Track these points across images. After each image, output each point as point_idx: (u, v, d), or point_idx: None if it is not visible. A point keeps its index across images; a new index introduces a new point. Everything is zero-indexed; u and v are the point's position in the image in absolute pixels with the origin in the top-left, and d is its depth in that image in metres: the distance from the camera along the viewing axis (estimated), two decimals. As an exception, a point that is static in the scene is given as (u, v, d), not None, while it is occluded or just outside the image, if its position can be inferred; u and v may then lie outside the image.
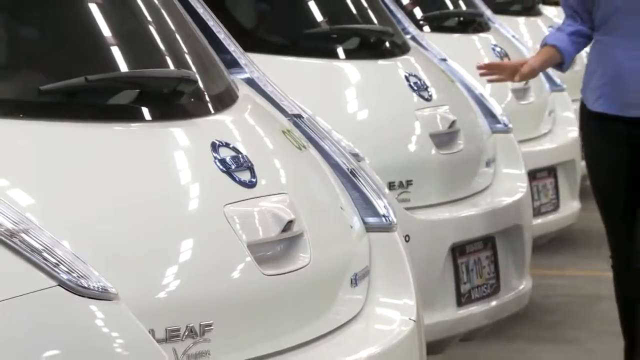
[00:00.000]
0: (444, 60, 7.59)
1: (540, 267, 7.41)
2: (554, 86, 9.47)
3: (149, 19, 4.52)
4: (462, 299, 6.46)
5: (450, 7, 9.43)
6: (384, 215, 4.78)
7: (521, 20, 11.01)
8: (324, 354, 4.15)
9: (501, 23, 10.05)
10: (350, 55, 6.82)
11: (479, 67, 6.04)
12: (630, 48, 5.04)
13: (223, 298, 3.89)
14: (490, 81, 6.44)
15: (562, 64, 5.57)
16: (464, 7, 9.57)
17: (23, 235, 3.48)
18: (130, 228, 3.87)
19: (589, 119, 5.46)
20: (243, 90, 4.66)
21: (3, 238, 3.45)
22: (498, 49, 9.08)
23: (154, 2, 4.57)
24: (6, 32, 4.30)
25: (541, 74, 9.40)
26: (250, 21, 6.51)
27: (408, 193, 6.23)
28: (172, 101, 4.28)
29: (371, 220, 4.71)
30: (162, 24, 4.53)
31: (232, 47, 5.25)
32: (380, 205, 4.80)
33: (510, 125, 7.64)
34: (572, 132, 9.33)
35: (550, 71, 9.14)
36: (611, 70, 5.11)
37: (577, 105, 9.56)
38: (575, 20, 5.29)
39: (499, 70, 5.78)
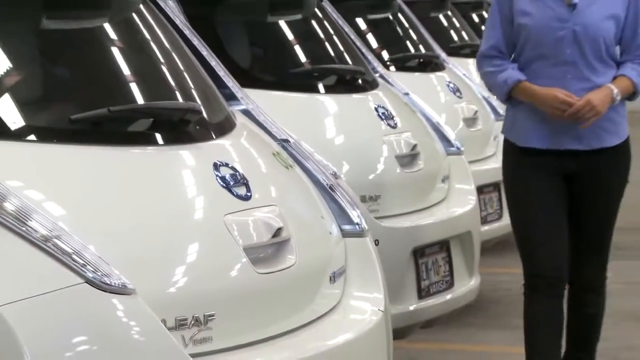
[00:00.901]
0: (407, 94, 7.61)
1: (487, 266, 7.41)
2: (498, 116, 9.47)
3: (161, 59, 4.53)
4: (422, 293, 6.47)
5: (412, 50, 9.44)
6: (357, 224, 4.79)
7: (470, 61, 10.98)
8: (308, 340, 4.14)
9: (454, 64, 10.05)
10: (329, 90, 6.83)
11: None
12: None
13: (223, 292, 3.89)
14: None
15: None
16: (423, 50, 9.59)
17: (56, 240, 3.51)
18: (145, 234, 3.89)
19: (515, 155, 5.28)
20: (240, 119, 4.66)
21: (39, 242, 3.49)
22: (451, 85, 9.12)
23: (165, 45, 4.58)
24: (42, 70, 4.31)
25: (486, 105, 9.40)
26: (246, 61, 6.49)
27: (377, 205, 6.24)
28: (180, 128, 4.30)
29: (347, 227, 4.72)
30: (172, 63, 4.54)
31: (231, 83, 5.26)
32: (354, 215, 4.81)
33: (462, 148, 7.67)
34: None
35: (494, 102, 9.15)
36: (540, 111, 4.99)
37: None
38: (505, 59, 5.12)
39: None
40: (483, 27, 13.32)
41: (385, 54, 8.77)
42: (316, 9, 7.20)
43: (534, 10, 4.82)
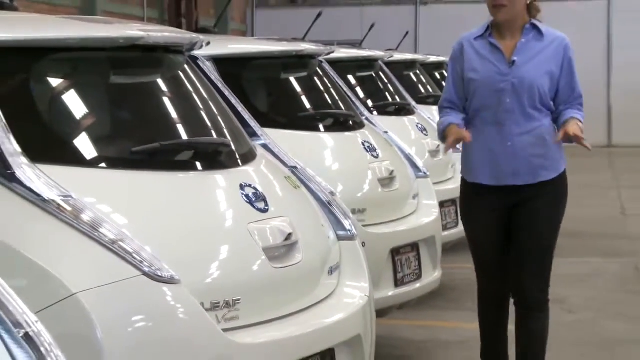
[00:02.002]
0: (386, 132, 7.59)
1: (447, 262, 7.38)
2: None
3: (200, 105, 4.55)
4: (397, 282, 6.46)
5: (390, 99, 9.41)
6: (349, 230, 4.80)
7: (434, 108, 10.92)
8: (311, 318, 4.15)
9: (421, 110, 10.03)
10: (327, 129, 6.82)
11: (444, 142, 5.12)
12: (498, 133, 4.80)
13: (247, 282, 3.91)
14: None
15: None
16: (398, 99, 9.57)
17: (120, 243, 3.56)
18: (188, 238, 3.92)
19: (467, 189, 5.09)
20: (259, 151, 4.68)
21: (108, 244, 3.54)
22: (420, 126, 9.11)
23: (203, 95, 4.58)
24: (111, 113, 4.33)
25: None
26: (264, 107, 6.51)
27: (364, 216, 6.23)
28: (215, 158, 4.31)
29: (341, 233, 4.73)
30: (208, 108, 4.55)
31: (253, 123, 5.29)
32: (346, 223, 4.83)
33: (427, 173, 7.66)
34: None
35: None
36: (485, 152, 4.84)
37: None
38: (455, 109, 4.96)
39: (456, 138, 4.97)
40: (444, 82, 13.53)
41: (369, 102, 8.74)
42: (317, 69, 7.22)
43: (480, 67, 4.73)
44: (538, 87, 4.70)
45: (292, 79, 7.06)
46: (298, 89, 7.07)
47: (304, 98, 7.03)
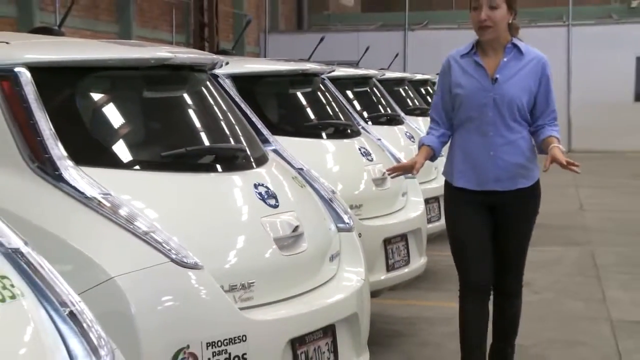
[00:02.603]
0: (379, 139, 7.57)
1: (430, 250, 7.34)
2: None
3: (220, 116, 4.55)
4: (389, 268, 6.44)
5: (382, 110, 9.37)
6: (347, 223, 4.79)
7: (420, 119, 10.93)
8: (315, 298, 4.13)
9: (410, 120, 10.01)
10: (329, 136, 6.81)
11: (388, 170, 5.32)
12: (482, 142, 4.68)
13: (260, 267, 3.89)
14: (394, 177, 5.66)
15: (433, 157, 5.05)
16: (389, 111, 9.53)
17: (152, 234, 3.57)
18: (209, 230, 3.91)
19: (452, 192, 4.94)
20: (271, 155, 4.67)
21: (141, 235, 3.55)
22: (408, 134, 9.08)
23: (222, 107, 4.58)
24: (144, 123, 4.32)
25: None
26: (275, 118, 6.49)
27: (360, 210, 6.21)
28: (232, 161, 4.30)
29: (340, 225, 4.71)
30: (227, 119, 4.55)
31: (265, 132, 5.27)
32: (345, 217, 4.82)
33: (414, 174, 7.64)
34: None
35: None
36: (469, 158, 4.73)
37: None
38: (439, 125, 4.88)
39: (402, 169, 5.18)
40: (428, 97, 13.53)
41: (364, 113, 8.71)
42: (320, 85, 7.21)
43: (465, 83, 4.64)
44: (517, 102, 4.61)
45: (299, 94, 7.05)
46: (304, 102, 7.06)
47: (308, 110, 7.02)
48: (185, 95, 4.48)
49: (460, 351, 4.94)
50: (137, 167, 3.92)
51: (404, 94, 11.83)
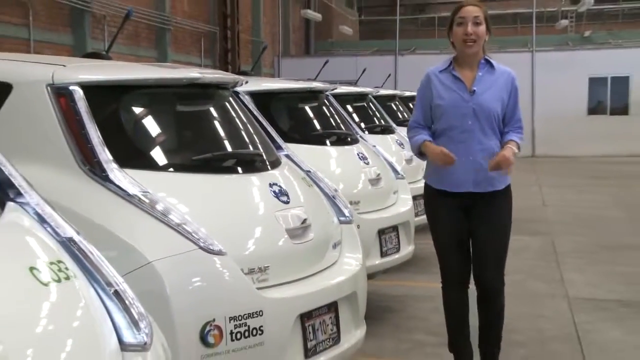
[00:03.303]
0: (374, 146, 7.57)
1: (417, 239, 7.32)
2: (424, 157, 9.41)
3: (241, 126, 4.53)
4: (383, 254, 6.44)
5: (376, 122, 9.36)
6: (348, 216, 4.78)
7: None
8: (321, 279, 4.12)
9: (400, 130, 9.95)
10: (332, 144, 6.81)
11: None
12: (461, 148, 4.47)
13: (274, 254, 3.87)
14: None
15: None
16: (383, 122, 9.52)
17: (184, 225, 3.57)
18: (232, 221, 3.89)
19: (432, 194, 4.71)
20: (283, 160, 4.66)
21: (174, 226, 3.55)
22: (398, 141, 9.05)
23: (243, 118, 4.58)
24: (177, 132, 4.30)
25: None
26: (286, 127, 6.48)
27: (358, 206, 6.20)
28: (251, 164, 4.28)
29: (342, 218, 4.71)
30: (246, 128, 4.54)
31: (278, 139, 5.25)
32: (346, 211, 4.81)
33: (404, 175, 7.63)
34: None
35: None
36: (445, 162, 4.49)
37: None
38: (422, 129, 4.66)
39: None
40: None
41: (362, 124, 8.69)
42: (325, 100, 7.21)
43: (446, 95, 4.50)
44: (492, 111, 4.48)
45: (307, 108, 7.05)
46: (310, 114, 7.05)
47: (315, 121, 7.02)
48: (212, 109, 4.48)
49: (448, 336, 4.82)
50: (171, 169, 3.91)
51: (395, 108, 11.85)
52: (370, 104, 9.77)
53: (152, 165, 3.86)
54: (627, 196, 14.81)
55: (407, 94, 13.65)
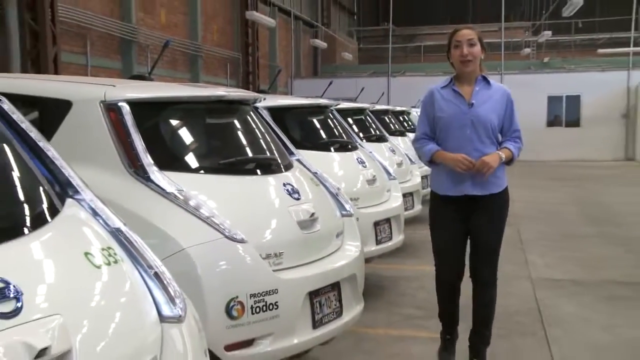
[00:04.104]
0: (370, 152, 7.53)
1: (407, 230, 7.30)
2: (411, 162, 9.39)
3: (259, 135, 4.51)
4: (377, 242, 6.41)
5: (372, 132, 9.32)
6: (349, 211, 4.75)
7: (399, 138, 10.89)
8: (326, 263, 4.10)
9: (392, 139, 9.92)
10: (335, 150, 6.80)
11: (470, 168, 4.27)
12: None
13: (287, 242, 3.85)
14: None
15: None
16: (377, 132, 9.48)
17: (212, 218, 3.57)
18: (252, 215, 3.85)
19: (437, 199, 4.44)
20: (295, 163, 4.64)
21: (204, 219, 3.55)
22: (391, 149, 9.02)
23: (261, 128, 4.56)
24: (207, 140, 4.28)
25: (406, 157, 9.25)
26: (298, 136, 6.46)
27: (357, 202, 6.18)
28: (268, 167, 4.25)
29: (344, 212, 4.68)
30: (264, 137, 4.53)
31: (291, 146, 5.22)
32: (347, 206, 4.78)
33: (395, 177, 7.60)
34: (418, 179, 9.32)
35: (412, 153, 9.02)
36: (451, 170, 4.27)
37: (418, 171, 9.54)
38: (429, 139, 4.39)
39: (473, 168, 4.27)
40: (405, 123, 13.54)
41: (360, 134, 8.66)
42: (329, 114, 7.20)
43: (446, 108, 4.30)
44: (489, 122, 4.26)
45: (314, 120, 7.04)
46: (318, 126, 7.05)
47: (321, 131, 7.01)
48: (235, 121, 4.46)
49: (439, 310, 4.62)
50: (201, 171, 3.89)
51: (387, 121, 11.83)
52: (367, 117, 9.75)
53: (186, 168, 3.85)
54: (580, 194, 14.80)
55: (398, 109, 13.66)
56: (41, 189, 2.37)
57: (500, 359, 4.82)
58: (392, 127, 11.74)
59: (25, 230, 2.11)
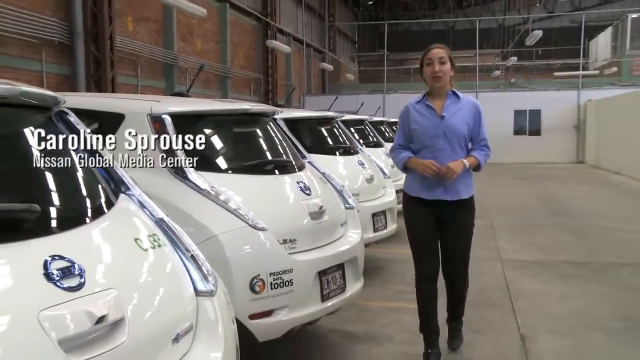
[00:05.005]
0: (369, 156, 7.50)
1: (400, 220, 7.26)
2: (407, 171, 9.34)
3: (277, 141, 4.47)
4: (375, 230, 6.40)
5: (370, 139, 9.29)
6: (351, 204, 4.73)
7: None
8: (332, 247, 4.06)
9: (387, 145, 9.86)
10: (340, 154, 6.77)
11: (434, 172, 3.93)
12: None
13: (300, 229, 3.84)
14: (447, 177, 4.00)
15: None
16: (375, 139, 9.45)
17: (238, 210, 3.55)
18: (271, 207, 3.82)
19: (410, 200, 4.04)
20: (307, 165, 4.61)
21: (232, 211, 3.54)
22: (385, 152, 8.99)
23: (279, 136, 4.53)
24: (234, 146, 4.24)
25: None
26: (309, 143, 6.44)
27: (358, 197, 6.17)
28: (284, 168, 4.21)
29: (347, 205, 4.66)
30: (282, 143, 4.49)
31: (303, 150, 5.21)
32: (350, 201, 4.75)
33: (390, 176, 7.57)
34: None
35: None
36: (425, 176, 3.90)
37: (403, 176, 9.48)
38: (404, 148, 4.04)
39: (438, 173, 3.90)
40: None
41: (360, 141, 8.63)
42: (335, 124, 7.18)
43: (420, 120, 3.97)
44: (460, 133, 3.92)
45: (322, 129, 7.02)
46: (325, 134, 7.02)
47: (328, 138, 6.98)
48: (258, 130, 4.44)
49: (419, 322, 4.12)
50: (229, 171, 3.87)
51: (383, 130, 11.80)
52: (366, 126, 9.72)
53: (216, 169, 3.83)
54: (540, 190, 14.71)
55: (392, 120, 13.62)
56: (99, 186, 2.37)
57: (474, 328, 4.80)
58: (387, 135, 11.70)
59: (87, 220, 2.11)
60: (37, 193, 2.06)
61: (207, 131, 4.12)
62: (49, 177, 2.14)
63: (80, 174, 2.33)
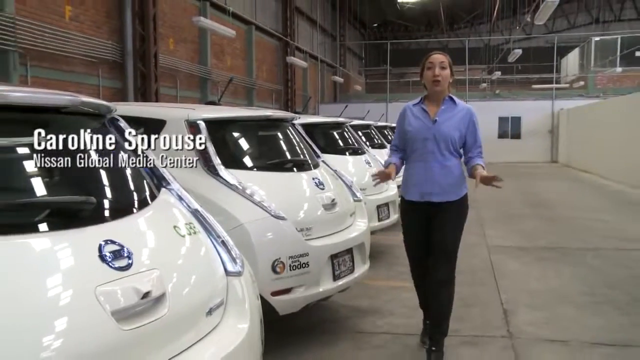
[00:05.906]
0: (375, 155, 7.47)
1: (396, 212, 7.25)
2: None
3: (295, 143, 4.45)
4: (379, 219, 6.39)
5: (376, 141, 9.26)
6: (359, 197, 4.70)
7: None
8: (343, 235, 4.04)
9: (389, 147, 9.82)
10: (350, 154, 6.76)
11: (373, 176, 3.70)
12: (424, 167, 3.58)
13: (315, 219, 3.82)
14: (377, 183, 3.72)
15: (397, 170, 3.66)
16: (379, 142, 9.41)
17: (262, 202, 3.52)
18: (290, 200, 3.80)
19: (405, 203, 3.71)
20: (321, 164, 4.59)
21: (256, 203, 3.51)
22: (388, 153, 8.93)
23: (297, 139, 4.51)
24: (258, 147, 4.23)
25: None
26: (322, 144, 6.42)
27: (365, 191, 6.12)
28: (301, 166, 4.18)
29: (355, 198, 4.63)
30: (299, 144, 4.47)
31: (318, 151, 5.18)
32: (358, 194, 4.73)
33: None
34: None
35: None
36: (415, 179, 3.62)
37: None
38: (398, 151, 3.75)
39: (383, 176, 3.58)
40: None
41: (367, 143, 8.60)
42: (345, 128, 7.15)
43: (414, 123, 3.64)
44: (450, 138, 3.57)
45: (334, 133, 6.99)
46: (337, 137, 6.99)
47: (339, 141, 6.96)
48: (279, 134, 4.43)
49: (419, 302, 3.91)
50: (255, 169, 3.86)
51: (386, 133, 11.71)
52: (372, 130, 9.68)
53: (243, 166, 3.82)
54: (522, 186, 14.59)
55: (393, 125, 13.54)
56: (144, 181, 2.37)
57: (466, 302, 4.78)
58: (389, 138, 11.62)
59: (134, 210, 2.11)
60: (93, 187, 2.07)
61: (235, 134, 4.12)
62: (102, 173, 2.14)
63: (128, 171, 2.33)
